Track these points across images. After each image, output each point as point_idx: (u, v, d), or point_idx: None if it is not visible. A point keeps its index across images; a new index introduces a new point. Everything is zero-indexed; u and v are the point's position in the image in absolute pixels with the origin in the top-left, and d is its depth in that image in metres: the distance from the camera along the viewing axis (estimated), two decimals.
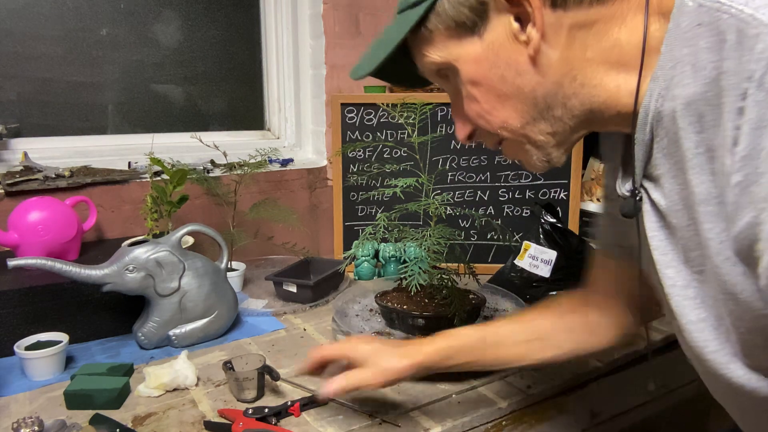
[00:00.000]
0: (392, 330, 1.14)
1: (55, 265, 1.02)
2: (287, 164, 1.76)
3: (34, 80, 1.48)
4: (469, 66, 0.60)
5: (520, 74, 0.58)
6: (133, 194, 1.48)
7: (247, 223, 1.56)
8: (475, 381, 1.01)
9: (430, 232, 1.11)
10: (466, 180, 1.65)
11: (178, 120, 1.71)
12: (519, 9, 0.55)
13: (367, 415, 0.90)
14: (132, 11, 1.58)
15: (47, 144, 1.50)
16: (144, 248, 1.10)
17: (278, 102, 1.85)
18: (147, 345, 1.13)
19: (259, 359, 0.97)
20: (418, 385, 1.00)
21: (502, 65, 0.58)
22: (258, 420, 0.86)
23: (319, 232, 1.80)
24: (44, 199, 1.25)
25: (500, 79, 0.59)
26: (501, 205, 1.66)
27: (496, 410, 0.94)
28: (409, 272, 1.10)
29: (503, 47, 0.58)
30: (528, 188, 1.64)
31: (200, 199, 1.57)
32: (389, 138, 1.63)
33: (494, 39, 0.58)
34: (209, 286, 1.16)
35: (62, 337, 1.06)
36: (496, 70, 0.59)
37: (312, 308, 1.36)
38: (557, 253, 1.33)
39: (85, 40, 1.53)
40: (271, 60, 1.82)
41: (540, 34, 0.55)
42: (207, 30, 1.71)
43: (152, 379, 0.97)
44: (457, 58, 0.61)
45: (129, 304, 1.17)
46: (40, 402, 0.95)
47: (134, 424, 0.88)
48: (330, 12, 1.71)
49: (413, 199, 1.19)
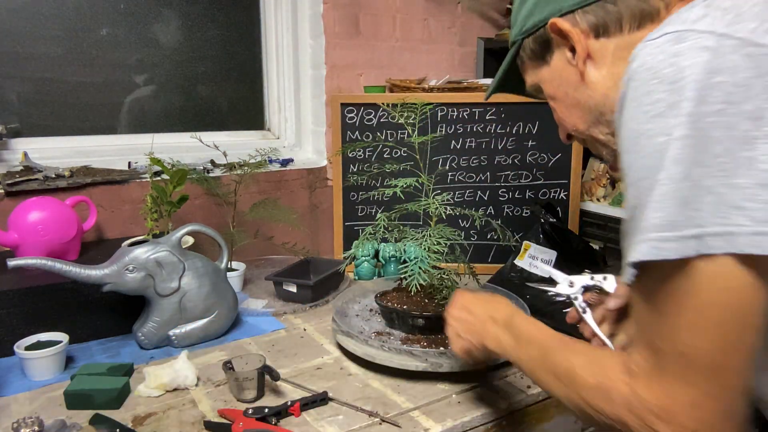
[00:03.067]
0: (392, 330, 1.14)
1: (55, 265, 1.02)
2: (287, 164, 1.76)
3: (34, 80, 1.48)
4: (546, 85, 0.79)
5: (576, 89, 0.73)
6: (133, 194, 1.48)
7: (247, 223, 1.56)
8: (475, 381, 1.01)
9: (430, 232, 1.11)
10: (466, 180, 1.65)
11: (178, 120, 1.71)
12: (570, 42, 0.72)
13: (367, 415, 0.90)
14: (132, 11, 1.58)
15: (47, 144, 1.50)
16: (144, 248, 1.10)
17: (278, 102, 1.85)
18: (147, 345, 1.13)
19: (259, 359, 0.97)
20: (418, 385, 1.00)
21: (564, 84, 0.75)
22: (258, 420, 0.86)
23: (319, 232, 1.80)
24: (44, 199, 1.25)
25: (564, 94, 0.76)
26: (501, 205, 1.66)
27: (496, 410, 0.94)
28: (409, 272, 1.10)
29: (564, 70, 0.75)
30: (528, 188, 1.64)
31: (200, 199, 1.57)
32: (389, 138, 1.63)
33: (557, 65, 0.76)
34: (209, 286, 1.16)
35: (62, 337, 1.06)
36: (561, 87, 0.76)
37: (312, 308, 1.36)
38: (557, 253, 1.33)
39: (85, 40, 1.53)
40: (271, 60, 1.82)
41: (584, 59, 0.71)
42: (207, 30, 1.71)
43: (152, 379, 0.97)
44: (540, 80, 0.80)
45: (129, 304, 1.17)
46: (40, 402, 0.95)
47: (134, 424, 0.88)
48: (330, 12, 1.71)
49: (413, 199, 1.19)
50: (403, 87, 1.73)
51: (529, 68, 0.82)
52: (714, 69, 0.49)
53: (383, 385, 1.00)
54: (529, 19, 0.77)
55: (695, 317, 0.50)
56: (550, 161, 1.64)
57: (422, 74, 1.89)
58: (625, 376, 0.55)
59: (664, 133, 0.50)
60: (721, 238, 0.48)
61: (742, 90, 0.48)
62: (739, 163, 0.48)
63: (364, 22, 1.77)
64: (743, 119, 0.48)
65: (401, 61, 1.87)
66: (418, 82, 1.77)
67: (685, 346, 0.50)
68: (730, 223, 0.47)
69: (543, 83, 0.81)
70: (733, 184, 0.48)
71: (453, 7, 1.93)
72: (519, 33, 0.80)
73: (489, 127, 1.62)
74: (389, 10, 1.81)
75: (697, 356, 0.50)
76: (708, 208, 0.48)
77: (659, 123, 0.51)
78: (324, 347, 1.16)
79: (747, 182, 0.48)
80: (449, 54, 1.96)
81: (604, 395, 0.57)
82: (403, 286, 1.19)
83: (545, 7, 0.74)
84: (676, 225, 0.49)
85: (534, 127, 1.62)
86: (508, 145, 1.63)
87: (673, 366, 0.51)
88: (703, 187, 0.48)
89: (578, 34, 0.70)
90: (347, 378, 1.03)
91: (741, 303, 0.49)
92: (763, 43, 0.49)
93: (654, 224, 0.50)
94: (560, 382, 0.64)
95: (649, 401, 0.52)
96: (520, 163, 1.64)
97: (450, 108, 1.61)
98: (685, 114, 0.49)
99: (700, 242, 0.48)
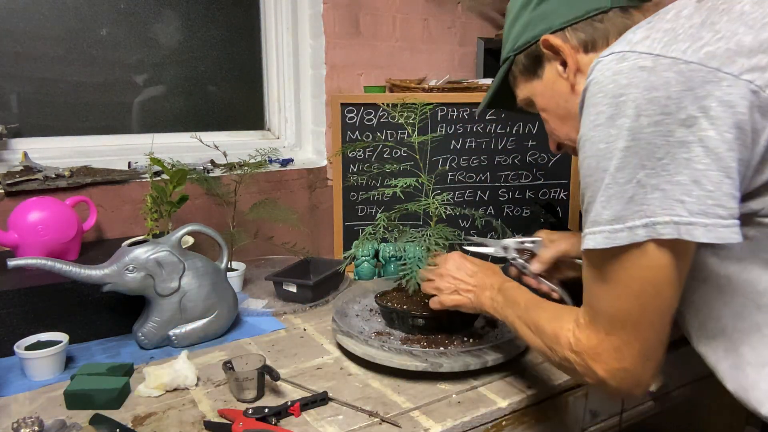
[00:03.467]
0: (392, 330, 1.14)
1: (55, 265, 1.02)
2: (287, 164, 1.75)
3: (34, 80, 1.48)
4: (539, 98, 0.87)
5: (567, 101, 0.81)
6: (133, 194, 1.48)
7: (247, 223, 1.56)
8: (475, 381, 1.01)
9: (430, 232, 1.11)
10: (466, 180, 1.65)
11: (178, 120, 1.71)
12: (561, 57, 0.80)
13: (367, 415, 0.90)
14: (132, 11, 1.58)
15: (47, 144, 1.50)
16: (144, 248, 1.10)
17: (278, 102, 1.85)
18: (147, 345, 1.13)
19: (259, 359, 0.97)
20: (418, 385, 1.00)
21: (556, 96, 0.83)
22: (258, 420, 0.86)
23: (319, 232, 1.80)
24: (44, 199, 1.25)
25: (556, 105, 0.84)
26: (501, 205, 1.66)
27: (496, 410, 0.94)
28: (408, 272, 1.10)
29: (555, 83, 0.83)
30: (528, 188, 1.64)
31: (200, 199, 1.57)
32: (389, 138, 1.63)
33: (549, 78, 0.84)
34: (209, 286, 1.16)
35: (62, 337, 1.06)
36: (553, 99, 0.84)
37: (312, 308, 1.36)
38: None
39: (85, 40, 1.53)
40: (271, 60, 1.82)
41: (575, 72, 0.79)
42: (207, 30, 1.71)
43: (152, 379, 0.97)
44: (533, 93, 0.88)
45: (129, 304, 1.17)
46: (40, 402, 0.95)
47: (134, 424, 0.88)
48: (330, 12, 1.71)
49: (413, 199, 1.19)
50: (403, 87, 1.73)
51: (521, 83, 0.90)
52: (651, 86, 0.58)
53: (383, 385, 1.00)
54: (522, 36, 0.85)
55: (623, 286, 0.63)
56: (550, 161, 1.64)
57: (422, 74, 1.89)
58: (573, 326, 0.70)
59: (605, 141, 0.60)
60: (669, 226, 0.58)
61: (675, 102, 0.57)
62: (678, 164, 0.57)
63: (364, 22, 1.77)
64: (678, 126, 0.57)
65: (401, 61, 1.87)
66: (418, 82, 1.77)
67: (613, 308, 0.65)
68: (675, 214, 0.57)
69: (535, 96, 0.88)
70: (675, 181, 0.57)
71: (453, 7, 1.93)
72: (511, 49, 0.88)
73: (489, 127, 1.62)
74: (389, 10, 1.81)
75: (621, 315, 0.64)
76: (656, 202, 0.58)
77: (600, 132, 0.61)
78: (324, 347, 1.16)
79: (685, 179, 0.57)
80: (449, 54, 1.96)
81: (557, 340, 0.73)
82: (403, 286, 1.19)
83: (537, 26, 0.83)
84: (624, 218, 0.60)
85: (534, 127, 1.62)
86: (508, 145, 1.63)
87: (603, 321, 0.66)
88: (650, 185, 0.58)
89: (569, 49, 0.79)
90: (347, 378, 1.03)
91: (658, 278, 0.62)
92: (692, 61, 0.57)
93: (606, 219, 0.61)
94: (531, 331, 0.80)
95: (586, 345, 0.68)
96: (520, 163, 1.64)
97: (450, 108, 1.61)
98: (626, 129, 0.59)
99: (651, 230, 0.58)
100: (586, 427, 1.13)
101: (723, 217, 0.57)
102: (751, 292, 0.65)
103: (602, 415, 1.16)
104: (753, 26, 0.58)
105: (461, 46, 1.98)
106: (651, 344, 0.65)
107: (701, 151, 0.56)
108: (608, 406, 1.16)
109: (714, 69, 0.57)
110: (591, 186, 0.63)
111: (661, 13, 0.65)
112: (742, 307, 0.66)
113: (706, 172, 0.56)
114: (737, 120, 0.56)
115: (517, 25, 0.87)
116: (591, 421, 1.14)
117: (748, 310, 0.66)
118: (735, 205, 0.57)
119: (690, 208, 0.57)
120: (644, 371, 0.66)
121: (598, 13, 0.78)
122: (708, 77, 0.56)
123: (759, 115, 0.56)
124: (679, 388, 1.30)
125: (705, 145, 0.56)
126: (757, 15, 0.59)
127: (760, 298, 0.65)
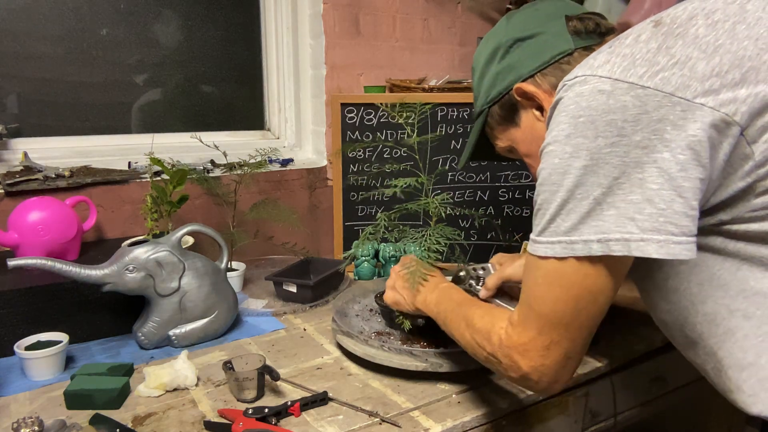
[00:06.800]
0: (392, 330, 1.14)
1: (55, 265, 1.02)
2: (287, 164, 1.76)
3: (34, 80, 1.48)
4: (520, 145, 0.91)
5: None
6: (133, 194, 1.48)
7: (247, 223, 1.56)
8: (475, 381, 1.01)
9: (430, 232, 1.11)
10: (466, 180, 1.65)
11: (178, 120, 1.71)
12: (536, 102, 0.84)
13: (367, 415, 0.90)
14: (132, 11, 1.58)
15: (47, 144, 1.50)
16: (144, 248, 1.10)
17: (278, 102, 1.85)
18: (147, 345, 1.13)
19: (259, 359, 0.97)
20: (418, 385, 1.00)
21: (536, 139, 0.85)
22: (258, 420, 0.86)
23: (319, 232, 1.80)
24: (44, 199, 1.25)
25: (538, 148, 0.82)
26: (501, 205, 1.66)
27: (496, 410, 0.94)
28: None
29: (533, 128, 0.87)
30: (528, 188, 1.64)
31: (200, 199, 1.57)
32: (389, 138, 1.63)
33: (527, 124, 0.88)
34: (209, 286, 1.16)
35: (62, 337, 1.06)
36: (534, 143, 0.87)
37: (312, 308, 1.36)
38: None
39: (85, 40, 1.53)
40: (271, 60, 1.82)
41: None
42: (207, 30, 1.71)
43: (152, 379, 0.97)
44: (513, 141, 0.92)
45: (129, 304, 1.17)
46: (40, 402, 0.95)
47: (134, 424, 0.88)
48: (330, 12, 1.71)
49: (413, 199, 1.19)
50: (403, 87, 1.73)
51: (499, 133, 0.94)
52: (609, 109, 0.61)
53: (383, 385, 1.00)
54: (493, 89, 0.89)
55: (561, 291, 0.66)
56: None
57: (422, 74, 1.89)
58: (506, 324, 0.73)
59: (560, 156, 0.64)
60: (620, 243, 0.60)
61: (631, 125, 0.60)
62: (633, 183, 0.60)
63: (364, 22, 1.77)
64: (633, 148, 0.60)
65: (401, 61, 1.87)
66: (418, 82, 1.77)
67: (550, 309, 0.67)
68: (627, 231, 0.60)
69: (516, 144, 0.92)
70: (629, 200, 0.60)
71: (453, 7, 1.93)
72: (485, 102, 0.92)
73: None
74: (389, 10, 1.81)
75: (556, 317, 0.67)
76: (611, 219, 0.61)
77: (558, 147, 0.64)
78: (324, 347, 1.16)
79: (638, 198, 0.59)
80: (449, 54, 1.96)
81: (487, 336, 0.75)
82: None
83: (506, 77, 0.87)
84: (581, 232, 0.63)
85: None
86: None
87: (538, 321, 0.68)
88: (606, 203, 0.61)
89: (542, 93, 0.83)
90: (347, 378, 1.03)
91: (597, 286, 0.65)
92: (648, 86, 0.60)
93: (564, 230, 0.64)
94: (461, 326, 0.82)
95: (517, 342, 0.70)
96: (520, 163, 1.64)
97: (450, 108, 1.61)
98: (585, 149, 0.62)
99: (604, 246, 0.61)
100: (586, 427, 1.13)
101: (675, 234, 0.59)
102: (722, 297, 0.67)
103: (602, 415, 1.16)
104: (706, 50, 0.60)
105: (461, 46, 1.98)
106: (576, 345, 0.68)
107: (655, 172, 0.59)
108: (608, 406, 1.16)
109: (668, 94, 0.59)
110: (542, 194, 0.66)
111: (621, 38, 0.67)
112: (715, 314, 0.68)
113: (660, 192, 0.59)
114: (689, 142, 0.58)
115: (485, 80, 0.91)
116: (591, 421, 1.14)
117: (721, 316, 0.68)
118: (687, 223, 0.59)
119: (642, 225, 0.59)
120: (565, 370, 0.70)
121: (564, 56, 0.82)
122: (663, 102, 0.59)
123: (716, 133, 0.59)
124: (679, 388, 1.30)
125: (659, 167, 0.59)
126: (710, 39, 0.61)
127: (731, 303, 0.67)
